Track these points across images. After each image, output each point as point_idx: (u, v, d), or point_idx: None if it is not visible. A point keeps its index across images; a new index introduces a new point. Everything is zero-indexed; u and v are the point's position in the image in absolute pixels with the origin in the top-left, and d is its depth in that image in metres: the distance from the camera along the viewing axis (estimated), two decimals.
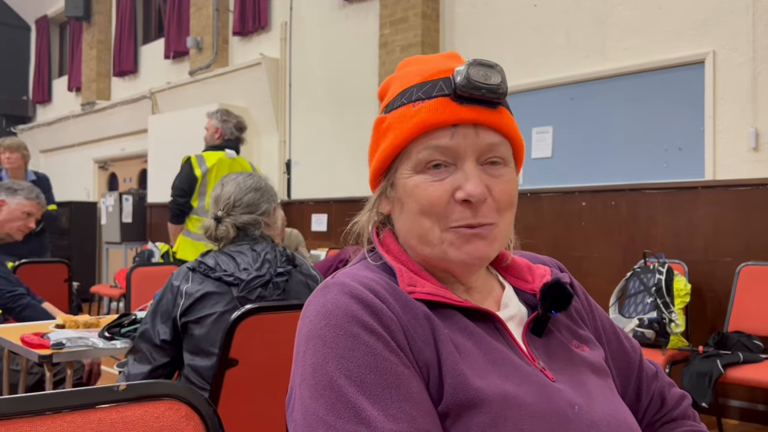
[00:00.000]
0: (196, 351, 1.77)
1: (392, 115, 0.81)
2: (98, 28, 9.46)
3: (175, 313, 1.78)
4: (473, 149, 0.77)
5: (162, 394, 0.79)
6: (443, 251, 0.78)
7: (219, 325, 1.75)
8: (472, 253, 0.77)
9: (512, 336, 0.79)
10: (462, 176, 0.77)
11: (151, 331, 1.79)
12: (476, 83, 0.75)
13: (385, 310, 0.72)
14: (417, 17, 5.07)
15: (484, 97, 0.76)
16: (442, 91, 0.77)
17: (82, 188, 9.62)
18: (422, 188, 0.78)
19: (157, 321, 1.80)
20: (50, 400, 0.73)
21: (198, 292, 1.78)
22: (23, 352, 2.12)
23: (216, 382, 1.72)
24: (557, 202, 4.28)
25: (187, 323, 1.78)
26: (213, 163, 4.06)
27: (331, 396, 0.68)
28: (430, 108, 0.77)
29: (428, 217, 0.78)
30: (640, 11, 4.01)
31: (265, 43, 6.81)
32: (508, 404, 0.70)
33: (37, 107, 11.44)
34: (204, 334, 1.76)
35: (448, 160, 0.77)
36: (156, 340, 1.78)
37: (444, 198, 0.77)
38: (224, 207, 1.95)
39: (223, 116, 4.29)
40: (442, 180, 0.77)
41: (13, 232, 2.88)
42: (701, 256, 3.65)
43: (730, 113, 3.62)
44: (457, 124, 0.76)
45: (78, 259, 8.11)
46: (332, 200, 5.86)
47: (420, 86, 0.80)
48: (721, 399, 3.52)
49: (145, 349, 1.79)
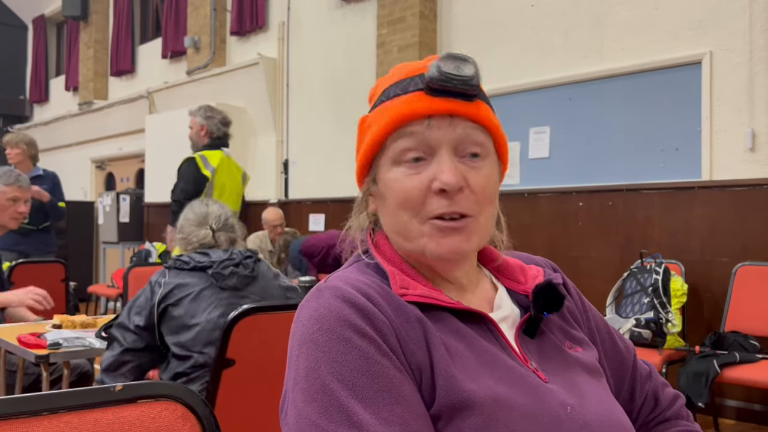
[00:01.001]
0: (178, 328, 1.89)
1: (372, 114, 0.83)
2: (95, 27, 9.44)
3: (153, 302, 1.91)
4: (448, 139, 0.77)
5: (158, 394, 0.79)
6: (421, 246, 0.79)
7: (198, 302, 1.91)
8: (448, 247, 0.77)
9: (505, 337, 0.80)
10: (437, 167, 0.77)
11: (126, 321, 1.92)
12: (447, 75, 0.76)
13: (377, 314, 0.73)
14: (414, 17, 5.07)
15: (456, 89, 0.77)
16: (417, 86, 0.79)
17: (80, 188, 9.60)
18: (400, 181, 0.79)
19: (131, 313, 1.93)
20: (46, 400, 0.73)
21: (175, 280, 1.95)
22: (20, 352, 2.12)
23: (213, 382, 1.73)
24: (554, 202, 4.29)
25: (166, 307, 1.90)
26: (218, 163, 4.01)
27: (323, 400, 0.68)
28: (404, 101, 0.79)
29: (406, 210, 0.78)
30: (637, 11, 4.02)
31: (263, 42, 6.80)
32: (499, 406, 0.70)
33: (34, 107, 11.42)
34: (184, 312, 1.90)
35: (425, 152, 0.78)
36: (129, 326, 1.90)
37: (421, 189, 0.77)
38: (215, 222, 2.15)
39: (207, 113, 4.16)
40: (418, 173, 0.78)
41: (6, 221, 2.80)
42: (698, 256, 3.66)
43: (727, 113, 3.63)
44: (432, 115, 0.77)
45: (75, 259, 8.08)
46: (329, 200, 5.86)
47: (397, 84, 0.81)
48: (718, 399, 3.53)
49: (118, 334, 1.91)
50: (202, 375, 1.85)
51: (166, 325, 1.90)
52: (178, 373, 1.88)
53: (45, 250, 4.59)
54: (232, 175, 4.22)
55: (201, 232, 2.12)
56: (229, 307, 1.88)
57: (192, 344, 1.86)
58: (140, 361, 1.91)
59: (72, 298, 3.81)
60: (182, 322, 1.89)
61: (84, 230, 8.75)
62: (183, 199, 3.92)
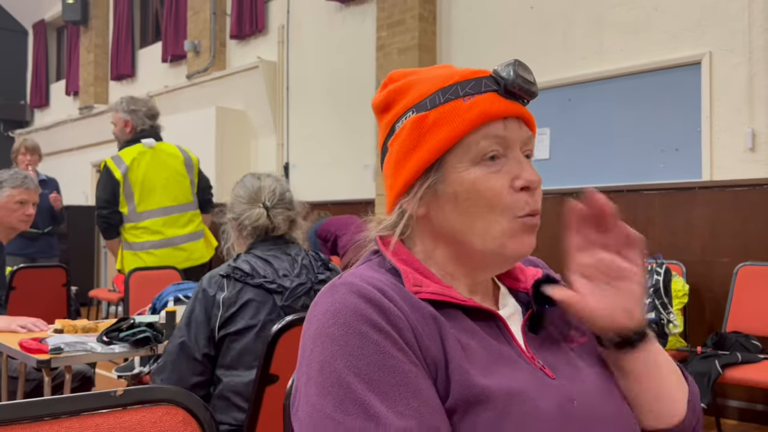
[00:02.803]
0: (236, 365, 1.64)
1: (437, 111, 0.81)
2: (96, 32, 9.47)
3: (213, 325, 1.63)
4: (520, 140, 0.82)
5: (159, 399, 0.79)
6: (502, 245, 0.80)
7: (262, 337, 1.62)
8: (529, 245, 0.81)
9: (513, 335, 0.81)
10: (516, 165, 0.81)
11: (190, 344, 1.63)
12: (526, 79, 0.81)
13: (393, 309, 0.73)
14: (414, 20, 5.08)
15: (525, 94, 0.81)
16: (489, 87, 0.81)
17: (80, 192, 9.61)
18: (483, 180, 0.79)
19: (193, 332, 1.64)
20: (48, 405, 0.73)
21: (236, 300, 1.66)
22: (21, 357, 2.12)
23: (256, 399, 1.59)
24: (555, 203, 4.27)
25: (226, 336, 1.63)
26: (132, 158, 3.58)
27: (339, 393, 0.68)
28: (486, 100, 0.80)
29: (493, 208, 0.79)
30: (636, 12, 4.02)
31: (263, 46, 6.81)
32: (511, 400, 0.72)
33: (35, 111, 11.44)
34: (245, 347, 1.63)
35: (501, 150, 0.81)
36: (197, 355, 1.63)
37: (506, 187, 0.80)
38: (270, 198, 1.83)
39: (130, 105, 3.76)
40: (498, 171, 0.80)
41: (15, 224, 2.80)
42: (699, 256, 3.66)
43: (727, 114, 3.63)
44: (508, 116, 0.81)
45: (76, 263, 8.08)
46: (330, 203, 5.86)
47: (464, 83, 0.82)
48: (720, 399, 3.53)
49: (183, 366, 1.63)
50: None
51: (223, 356, 1.65)
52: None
53: (51, 254, 4.71)
54: (161, 163, 3.68)
55: (254, 212, 1.81)
56: None
57: (249, 391, 1.62)
58: (202, 393, 1.66)
59: (73, 302, 3.81)
60: (243, 361, 1.64)
61: (85, 234, 8.75)
62: (99, 209, 3.59)
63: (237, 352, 1.64)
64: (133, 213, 3.59)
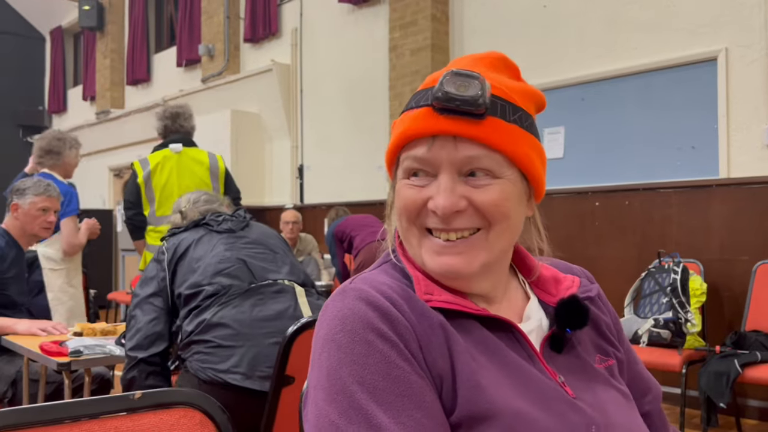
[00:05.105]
0: (186, 273, 1.94)
1: (397, 120, 0.81)
2: (111, 37, 9.56)
3: (164, 271, 1.97)
4: (450, 162, 0.74)
5: (177, 401, 0.80)
6: (422, 258, 0.78)
7: (199, 246, 2.00)
8: (445, 266, 0.76)
9: (533, 348, 0.78)
10: (435, 188, 0.75)
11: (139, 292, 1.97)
12: (450, 95, 0.73)
13: (399, 318, 0.73)
14: (426, 20, 5.08)
15: (460, 109, 0.73)
16: (426, 101, 0.76)
17: (98, 196, 9.71)
18: (404, 190, 0.78)
19: (143, 285, 1.98)
20: (67, 408, 0.74)
21: (175, 240, 2.05)
22: (42, 360, 2.16)
23: (272, 401, 1.63)
24: (570, 202, 4.26)
25: (176, 264, 1.97)
26: (156, 162, 3.68)
27: (343, 401, 0.68)
28: (413, 117, 0.76)
29: (406, 217, 0.78)
30: (651, 9, 3.99)
31: (276, 49, 6.84)
32: (519, 420, 0.70)
33: (53, 117, 11.58)
34: (189, 258, 1.97)
35: (428, 169, 0.76)
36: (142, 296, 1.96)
37: (419, 203, 0.77)
38: (186, 205, 2.27)
39: (157, 117, 3.94)
40: (420, 187, 0.77)
41: (37, 231, 2.87)
42: (717, 254, 3.62)
43: (744, 111, 3.59)
44: (436, 135, 0.75)
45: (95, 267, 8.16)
46: (345, 204, 5.87)
47: (418, 93, 0.79)
48: (740, 399, 3.49)
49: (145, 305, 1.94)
50: (213, 302, 1.87)
51: (177, 278, 1.96)
52: (190, 312, 1.90)
53: None
54: (185, 170, 3.72)
55: (173, 218, 2.28)
56: (230, 245, 2.01)
57: (201, 278, 1.92)
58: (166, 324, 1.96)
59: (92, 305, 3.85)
60: (190, 267, 1.96)
61: (103, 238, 8.79)
62: (126, 210, 3.70)
63: (185, 265, 1.97)
64: (153, 216, 3.64)
